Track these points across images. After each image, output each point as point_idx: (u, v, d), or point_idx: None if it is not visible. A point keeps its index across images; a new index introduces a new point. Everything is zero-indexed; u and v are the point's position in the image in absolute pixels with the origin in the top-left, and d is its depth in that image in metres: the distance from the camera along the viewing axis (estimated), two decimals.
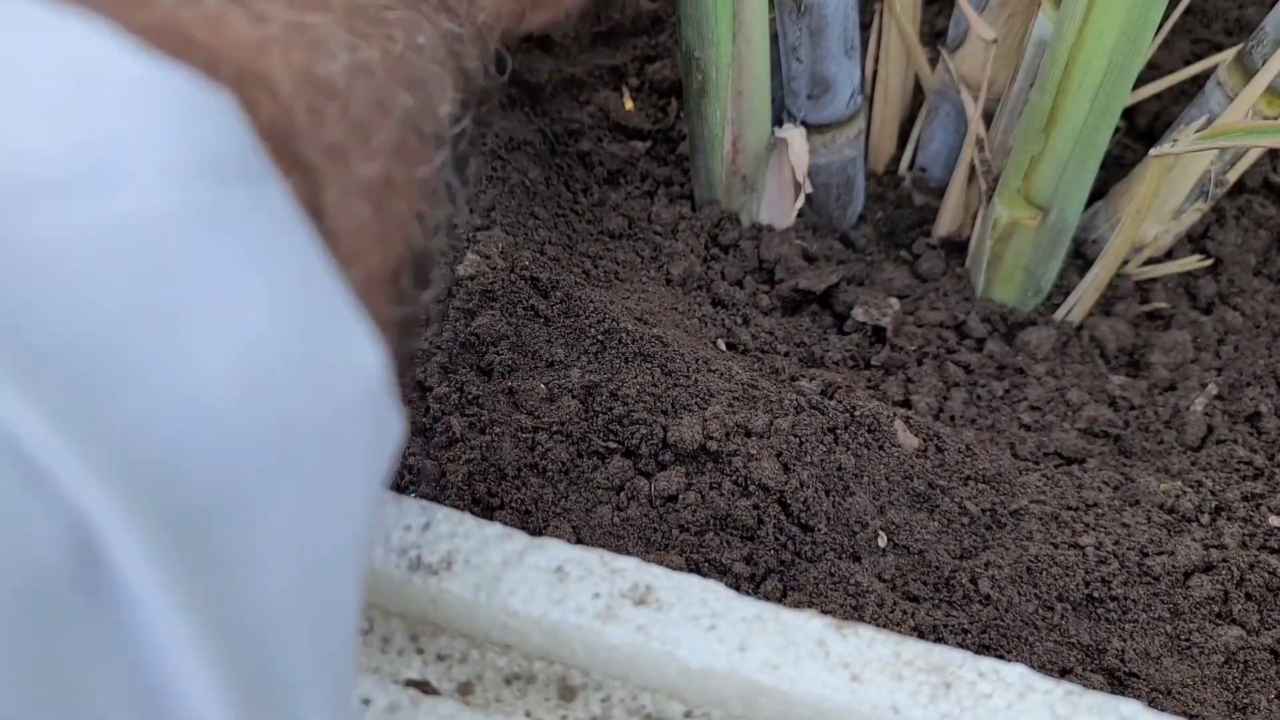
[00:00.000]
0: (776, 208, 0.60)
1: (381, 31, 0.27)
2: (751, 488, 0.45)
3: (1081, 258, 0.61)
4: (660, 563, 0.39)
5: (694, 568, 0.43)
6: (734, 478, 0.45)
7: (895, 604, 0.43)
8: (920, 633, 0.42)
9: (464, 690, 0.34)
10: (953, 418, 0.54)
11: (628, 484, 0.45)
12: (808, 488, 0.45)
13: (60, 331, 0.18)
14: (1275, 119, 0.51)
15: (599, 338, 0.49)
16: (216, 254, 0.20)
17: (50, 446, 0.17)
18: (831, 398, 0.49)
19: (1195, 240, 0.62)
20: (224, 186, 0.20)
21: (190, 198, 0.20)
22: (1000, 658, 0.39)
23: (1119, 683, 0.42)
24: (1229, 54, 0.53)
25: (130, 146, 0.19)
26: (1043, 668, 0.42)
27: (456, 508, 0.37)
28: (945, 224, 0.62)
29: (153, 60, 0.20)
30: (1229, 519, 0.48)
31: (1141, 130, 0.67)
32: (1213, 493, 0.49)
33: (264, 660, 0.20)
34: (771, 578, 0.44)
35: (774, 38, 0.55)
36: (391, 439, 0.24)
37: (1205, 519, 0.48)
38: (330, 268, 0.23)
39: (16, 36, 0.20)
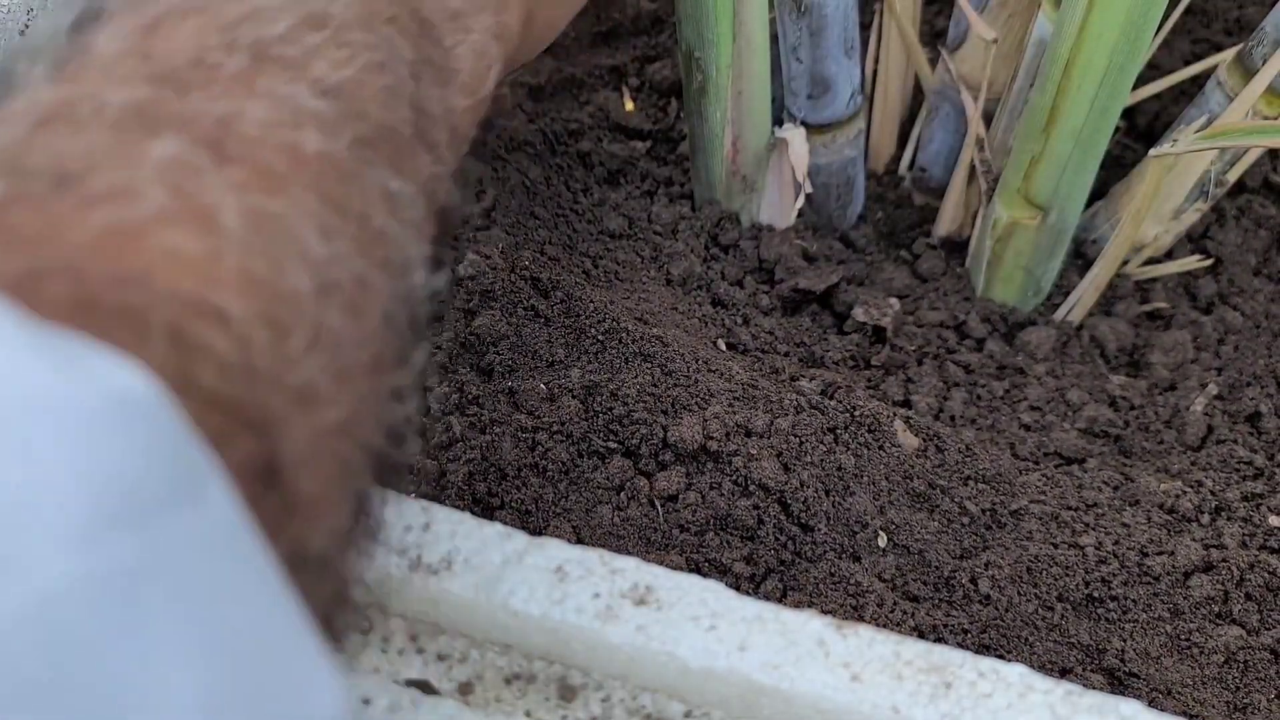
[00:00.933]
0: (776, 208, 0.60)
1: (357, 194, 0.23)
2: (751, 488, 0.45)
3: (1081, 258, 0.61)
4: (660, 562, 0.39)
5: (694, 567, 0.43)
6: (734, 478, 0.45)
7: (895, 604, 0.43)
8: (920, 632, 0.42)
9: (464, 690, 0.34)
10: (953, 418, 0.54)
11: (628, 484, 0.45)
12: (808, 488, 0.45)
13: None
14: (1275, 119, 0.51)
15: (599, 338, 0.49)
16: (137, 625, 0.16)
17: None
18: (832, 398, 0.49)
19: (1195, 240, 0.62)
20: (148, 520, 0.17)
21: (105, 559, 0.16)
22: (1000, 658, 0.39)
23: (1119, 683, 0.43)
24: (1229, 54, 0.54)
25: (25, 509, 0.16)
26: (1043, 668, 0.42)
27: (456, 508, 0.37)
28: (945, 224, 0.62)
29: (57, 357, 0.17)
30: (1229, 519, 0.48)
31: (1141, 130, 0.67)
32: (1213, 493, 0.49)
33: None
34: (772, 577, 0.44)
35: (774, 38, 0.55)
36: None
37: (1205, 519, 0.48)
38: (282, 584, 0.19)
39: None
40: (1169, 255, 0.61)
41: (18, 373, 0.16)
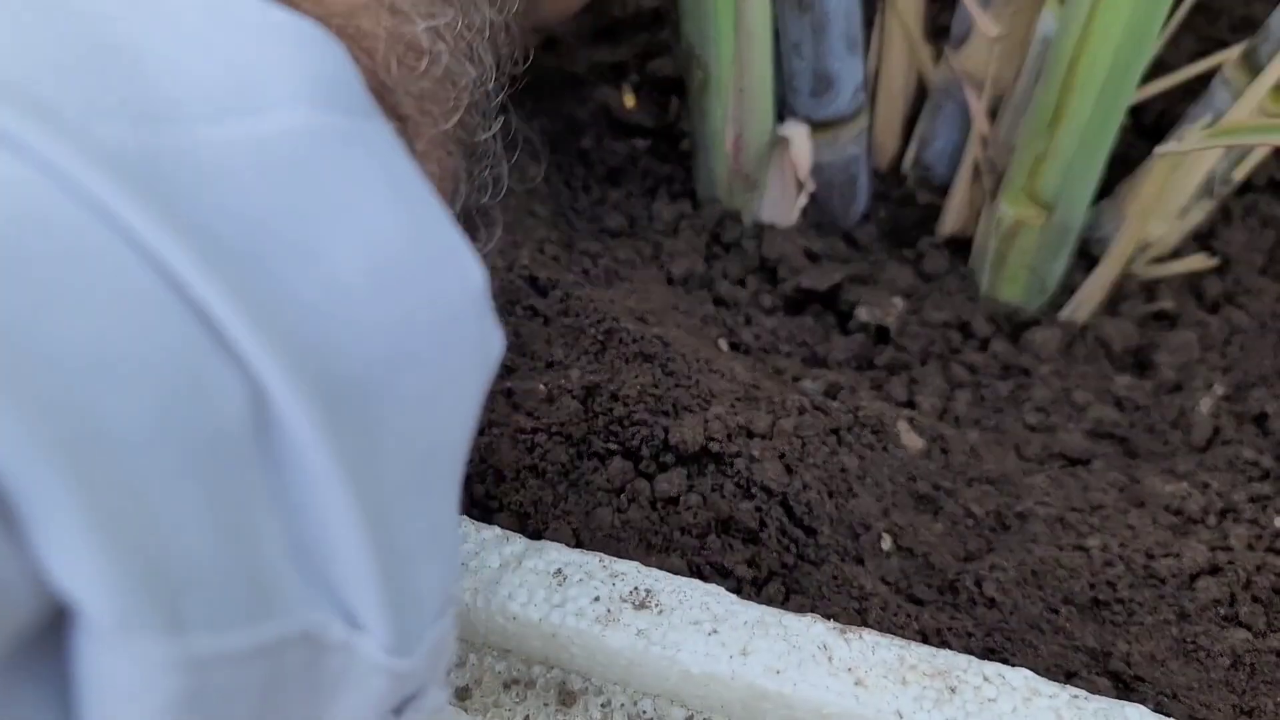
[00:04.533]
0: (779, 206, 0.60)
1: (447, 7, 0.30)
2: (754, 490, 0.44)
3: (1087, 257, 0.61)
4: (661, 566, 0.39)
5: (695, 571, 0.43)
6: (736, 479, 0.45)
7: (899, 607, 0.43)
8: (924, 636, 0.42)
9: (462, 695, 0.34)
10: (957, 418, 0.53)
11: (628, 486, 0.45)
12: (811, 489, 0.45)
13: (233, 225, 0.20)
14: None
15: (599, 337, 0.49)
16: (348, 167, 0.22)
17: (232, 318, 0.19)
18: (835, 398, 0.49)
19: (1201, 239, 0.61)
20: (346, 114, 0.23)
21: (321, 119, 0.22)
22: (1005, 662, 0.38)
23: (1125, 686, 0.42)
24: (1235, 51, 0.53)
25: (267, 73, 0.22)
26: (1048, 672, 0.42)
27: None
28: (949, 222, 0.62)
29: (275, 4, 0.23)
30: (1236, 521, 0.47)
31: (1147, 128, 0.67)
32: (1219, 494, 0.48)
33: (393, 530, 0.23)
34: (774, 581, 0.44)
35: (776, 34, 0.55)
36: (493, 351, 0.26)
37: (1212, 521, 0.47)
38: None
39: None
40: (1175, 254, 0.61)
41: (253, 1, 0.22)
